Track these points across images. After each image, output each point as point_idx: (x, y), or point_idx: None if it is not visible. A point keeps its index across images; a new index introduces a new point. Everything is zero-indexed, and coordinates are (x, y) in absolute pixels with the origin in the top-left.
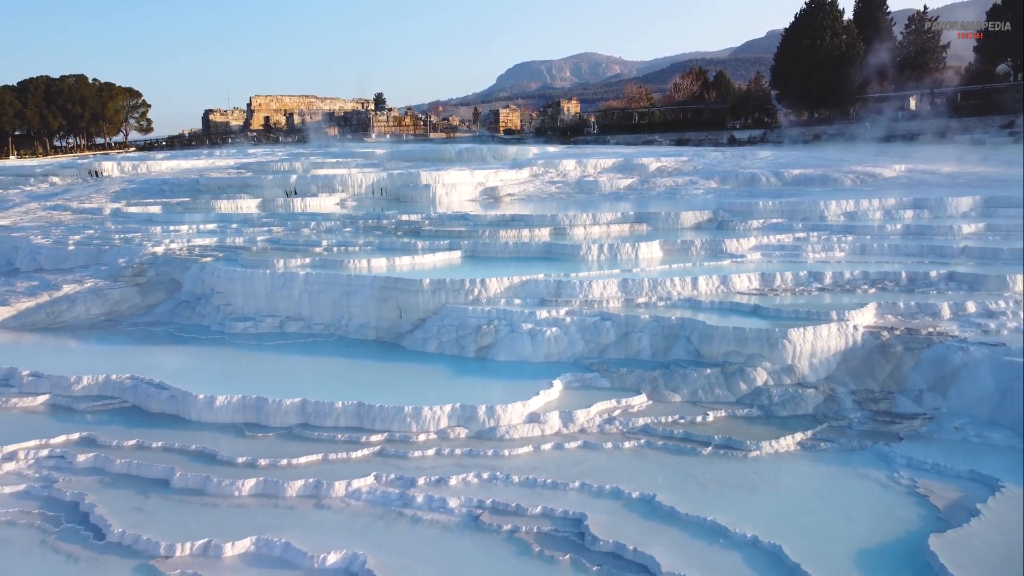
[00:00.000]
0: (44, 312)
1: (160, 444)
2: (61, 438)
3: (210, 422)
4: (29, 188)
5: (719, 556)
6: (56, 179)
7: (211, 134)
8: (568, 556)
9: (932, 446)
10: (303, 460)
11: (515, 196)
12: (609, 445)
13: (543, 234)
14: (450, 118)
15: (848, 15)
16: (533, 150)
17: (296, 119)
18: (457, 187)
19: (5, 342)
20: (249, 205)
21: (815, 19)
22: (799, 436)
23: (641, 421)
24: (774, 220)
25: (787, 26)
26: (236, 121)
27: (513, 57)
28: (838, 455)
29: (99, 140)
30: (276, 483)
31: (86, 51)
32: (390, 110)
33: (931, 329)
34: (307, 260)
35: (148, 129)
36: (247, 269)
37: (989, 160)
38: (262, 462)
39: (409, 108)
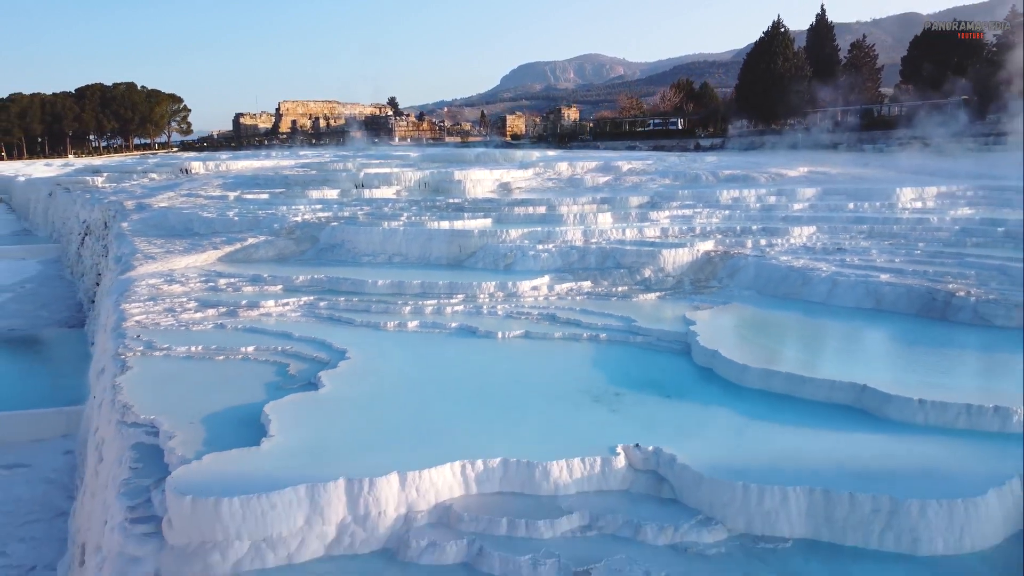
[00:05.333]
0: (241, 253)
1: (357, 300)
2: (304, 298)
3: (375, 292)
4: (135, 182)
5: (606, 320)
6: (154, 175)
7: (241, 136)
8: (547, 322)
9: (714, 296)
10: (429, 302)
11: (522, 189)
12: (569, 299)
13: (541, 210)
14: (461, 123)
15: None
16: (535, 154)
17: (321, 123)
18: (481, 182)
19: (230, 268)
20: (332, 193)
21: (770, 46)
22: (657, 294)
23: (586, 290)
24: (687, 202)
25: (750, 49)
26: (264, 124)
27: (517, 58)
28: (671, 300)
29: (139, 141)
30: (419, 308)
31: (123, 53)
32: (407, 115)
33: (736, 251)
34: (400, 222)
35: (188, 131)
36: (365, 227)
37: (870, 164)
38: (409, 303)
39: (423, 113)
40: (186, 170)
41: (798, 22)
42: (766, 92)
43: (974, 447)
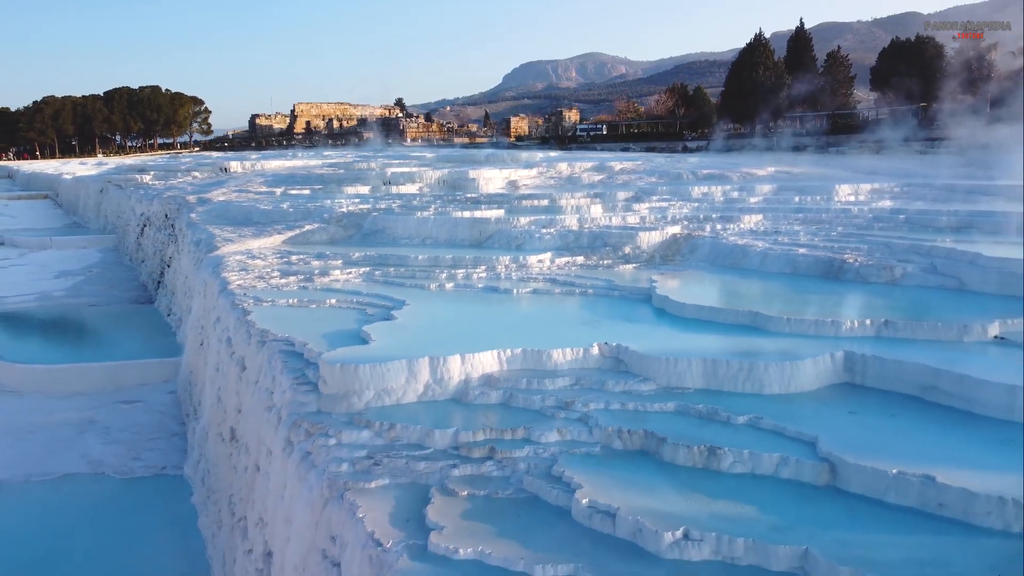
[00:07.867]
0: (301, 237)
1: (403, 270)
2: (362, 269)
3: (417, 265)
4: (181, 180)
5: (593, 282)
6: (196, 173)
7: (257, 136)
8: (549, 284)
9: (676, 266)
10: (459, 271)
11: (528, 186)
12: (566, 268)
13: (544, 202)
14: (468, 125)
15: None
16: (538, 155)
17: (335, 124)
18: (492, 180)
19: (295, 248)
20: (364, 189)
21: (753, 56)
22: (634, 265)
23: (579, 263)
24: (665, 196)
25: (736, 58)
26: (279, 125)
27: (519, 57)
28: (643, 269)
29: (161, 141)
30: (452, 275)
31: (142, 54)
32: (417, 116)
33: (696, 234)
34: (430, 212)
35: (208, 132)
36: (401, 216)
37: (829, 165)
38: (444, 271)
39: (430, 114)
40: (225, 169)
41: (796, 20)
42: (747, 99)
43: (814, 342)
